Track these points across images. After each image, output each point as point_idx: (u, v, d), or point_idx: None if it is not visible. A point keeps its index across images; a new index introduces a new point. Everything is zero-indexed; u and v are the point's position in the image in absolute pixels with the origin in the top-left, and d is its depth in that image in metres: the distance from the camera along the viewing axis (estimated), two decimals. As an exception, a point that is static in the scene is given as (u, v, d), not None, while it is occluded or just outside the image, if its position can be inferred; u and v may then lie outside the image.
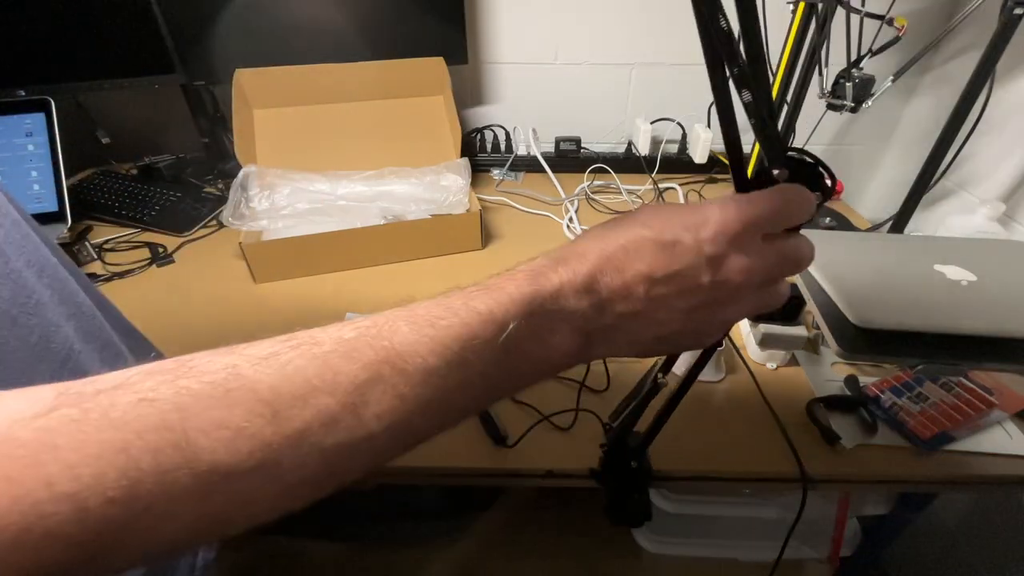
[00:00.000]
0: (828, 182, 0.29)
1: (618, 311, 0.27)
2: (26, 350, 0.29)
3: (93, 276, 0.87)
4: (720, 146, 1.26)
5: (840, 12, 0.76)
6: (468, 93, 1.21)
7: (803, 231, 0.30)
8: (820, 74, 0.85)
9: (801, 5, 0.76)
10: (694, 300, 0.27)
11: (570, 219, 1.03)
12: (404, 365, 0.23)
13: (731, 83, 0.30)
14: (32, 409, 0.18)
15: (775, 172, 0.29)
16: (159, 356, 0.42)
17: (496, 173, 1.21)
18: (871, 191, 1.33)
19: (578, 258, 0.27)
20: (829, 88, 0.85)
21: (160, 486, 0.18)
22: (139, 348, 0.40)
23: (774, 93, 0.83)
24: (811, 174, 0.30)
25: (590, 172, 1.19)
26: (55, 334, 0.31)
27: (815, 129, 1.04)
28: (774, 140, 0.29)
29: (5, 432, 0.17)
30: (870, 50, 0.80)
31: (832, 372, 0.69)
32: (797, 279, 0.60)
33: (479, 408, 0.28)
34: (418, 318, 0.24)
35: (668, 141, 1.20)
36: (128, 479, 0.17)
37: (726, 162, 1.17)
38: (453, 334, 0.24)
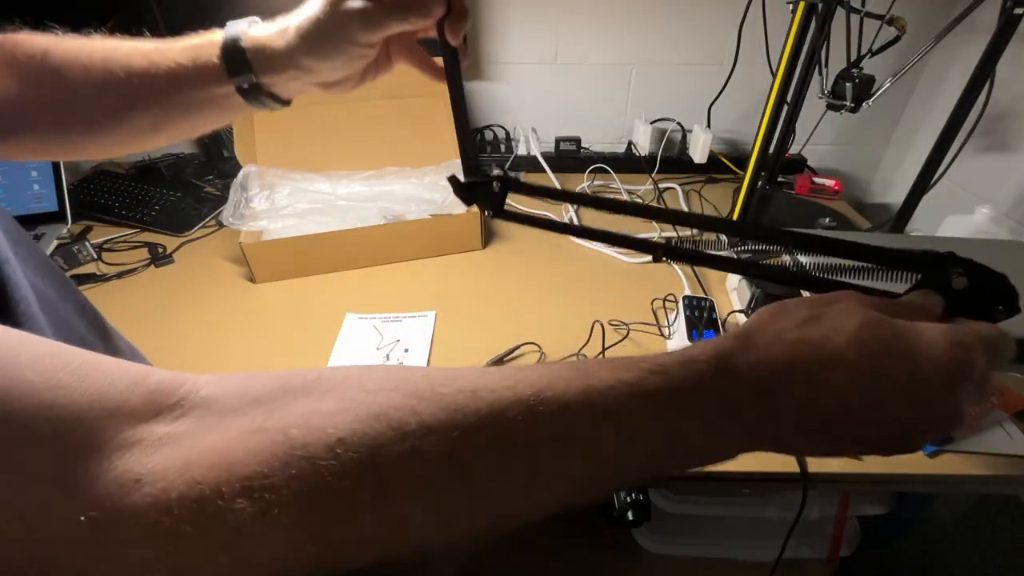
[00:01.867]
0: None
1: (798, 426, 0.24)
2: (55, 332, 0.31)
3: (93, 276, 0.87)
4: (720, 147, 1.26)
5: (840, 12, 0.76)
6: (468, 93, 1.21)
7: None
8: (820, 74, 0.85)
9: (801, 5, 0.76)
10: (882, 433, 0.25)
11: (570, 219, 1.03)
12: (584, 451, 0.22)
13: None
14: (247, 423, 0.19)
15: (953, 280, 0.27)
16: (134, 350, 0.43)
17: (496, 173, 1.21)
18: (871, 191, 1.33)
19: (767, 363, 0.24)
20: (829, 88, 0.85)
21: (349, 520, 0.19)
22: (120, 344, 0.41)
23: (774, 93, 0.83)
24: (991, 285, 0.27)
25: (590, 172, 1.19)
26: (76, 323, 0.33)
27: (815, 129, 1.04)
28: (915, 252, 0.27)
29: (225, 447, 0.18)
30: (870, 50, 0.79)
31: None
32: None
33: (633, 484, 0.28)
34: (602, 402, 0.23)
35: (668, 141, 1.20)
36: (322, 521, 0.19)
37: (726, 162, 1.17)
38: (634, 427, 0.23)
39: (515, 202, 1.11)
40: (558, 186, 1.14)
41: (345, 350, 0.73)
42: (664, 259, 0.33)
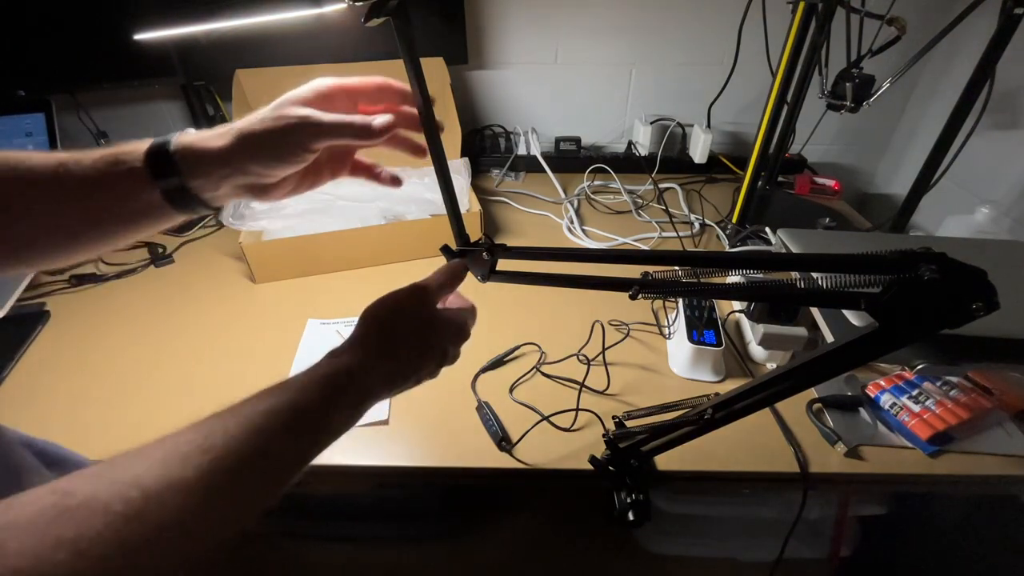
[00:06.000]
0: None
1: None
2: None
3: (93, 276, 0.87)
4: (720, 146, 1.26)
5: (840, 12, 0.76)
6: (468, 93, 1.21)
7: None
8: (820, 74, 0.85)
9: (801, 5, 0.76)
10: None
11: (570, 219, 1.03)
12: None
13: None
14: None
15: (926, 274, 0.27)
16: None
17: (496, 173, 1.21)
18: (871, 191, 1.33)
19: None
20: (829, 88, 0.85)
21: None
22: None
23: (774, 93, 0.83)
24: (968, 281, 0.26)
25: (590, 172, 1.19)
26: None
27: (815, 129, 1.04)
28: (885, 256, 0.27)
29: None
30: (870, 50, 0.79)
31: (832, 372, 0.69)
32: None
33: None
34: None
35: (668, 141, 1.20)
36: None
37: (726, 162, 1.17)
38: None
39: (514, 200, 1.11)
40: (558, 186, 1.14)
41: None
42: (641, 296, 0.35)
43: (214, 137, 0.36)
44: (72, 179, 0.34)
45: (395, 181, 0.44)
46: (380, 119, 0.38)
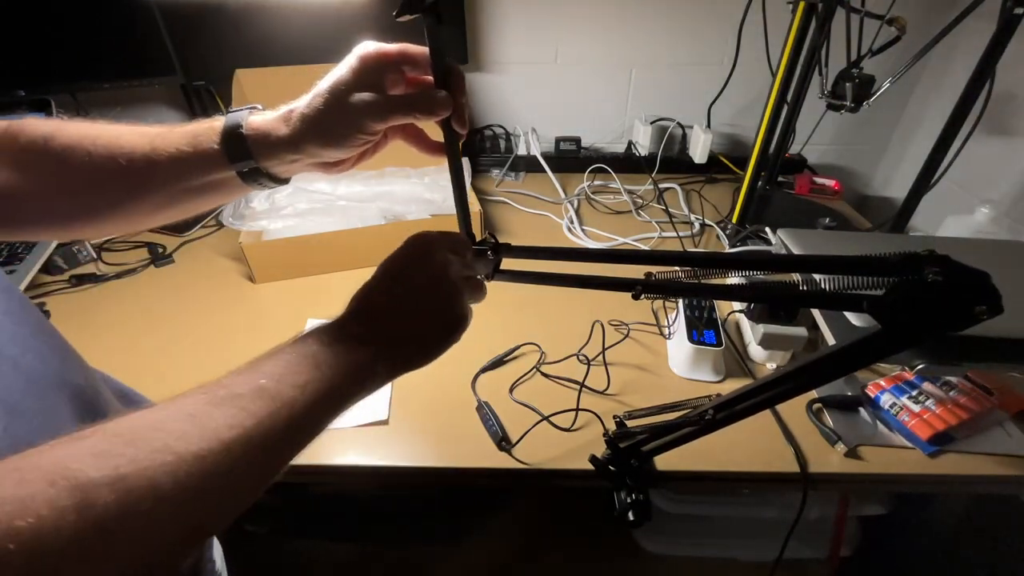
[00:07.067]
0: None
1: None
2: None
3: (93, 276, 0.87)
4: (720, 146, 1.26)
5: (840, 12, 0.76)
6: (468, 93, 1.21)
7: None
8: (820, 74, 0.85)
9: (801, 5, 0.76)
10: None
11: (570, 219, 1.03)
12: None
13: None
14: None
15: (929, 276, 0.27)
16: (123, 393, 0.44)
17: (496, 173, 1.21)
18: (871, 191, 1.33)
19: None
20: (829, 88, 0.85)
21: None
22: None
23: (774, 93, 0.83)
24: (971, 284, 0.26)
25: (590, 172, 1.19)
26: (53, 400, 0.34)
27: (815, 129, 1.04)
28: (889, 258, 0.28)
29: None
30: (870, 50, 0.79)
31: (832, 372, 0.69)
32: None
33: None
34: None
35: (668, 141, 1.20)
36: None
37: (726, 162, 1.17)
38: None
39: (514, 201, 1.10)
40: (558, 186, 1.14)
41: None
42: (643, 296, 0.35)
43: (280, 122, 0.38)
44: (161, 159, 0.38)
45: (438, 150, 0.44)
46: (440, 94, 0.39)
